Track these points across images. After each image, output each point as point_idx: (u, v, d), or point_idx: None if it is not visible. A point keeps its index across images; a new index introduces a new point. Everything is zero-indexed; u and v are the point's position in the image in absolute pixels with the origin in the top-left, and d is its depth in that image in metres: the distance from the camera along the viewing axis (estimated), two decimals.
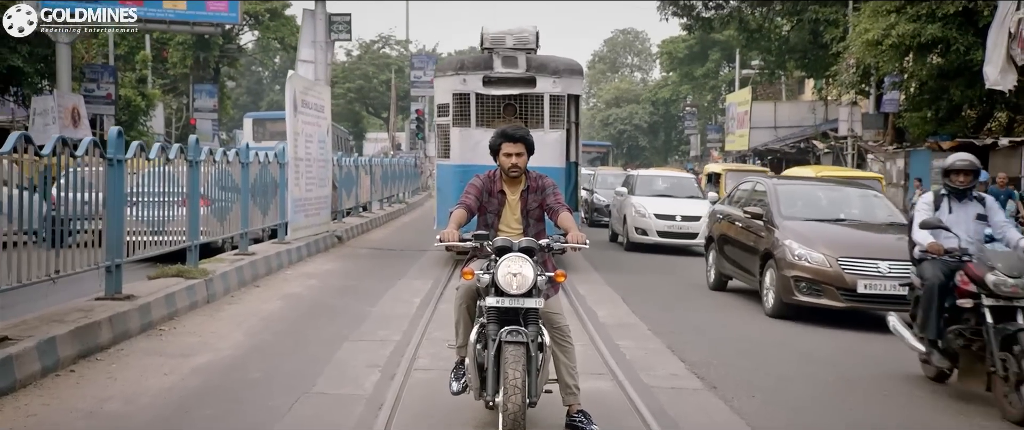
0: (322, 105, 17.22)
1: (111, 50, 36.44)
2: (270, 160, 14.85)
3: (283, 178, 15.35)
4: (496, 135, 6.25)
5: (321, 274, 13.75)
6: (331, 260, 15.68)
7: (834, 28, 31.29)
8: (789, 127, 43.06)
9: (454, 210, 6.12)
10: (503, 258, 5.65)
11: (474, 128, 15.10)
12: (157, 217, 10.65)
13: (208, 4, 29.98)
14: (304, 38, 20.41)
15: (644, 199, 20.03)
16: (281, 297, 11.45)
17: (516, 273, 5.59)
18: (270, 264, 13.35)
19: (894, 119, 30.67)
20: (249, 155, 13.60)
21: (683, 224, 19.29)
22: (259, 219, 14.41)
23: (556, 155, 15.13)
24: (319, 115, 16.95)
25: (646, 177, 22.89)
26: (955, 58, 23.95)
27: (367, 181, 24.66)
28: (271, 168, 14.95)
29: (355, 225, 20.83)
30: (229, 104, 55.18)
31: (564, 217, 6.13)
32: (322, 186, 17.16)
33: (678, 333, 10.16)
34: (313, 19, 19.82)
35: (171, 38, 42.75)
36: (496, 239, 5.87)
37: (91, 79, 34.73)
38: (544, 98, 15.20)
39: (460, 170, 14.41)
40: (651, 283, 14.83)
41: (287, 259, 14.21)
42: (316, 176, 16.62)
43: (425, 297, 11.59)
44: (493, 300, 5.63)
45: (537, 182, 6.28)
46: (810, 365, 9.03)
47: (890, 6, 24.65)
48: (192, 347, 8.39)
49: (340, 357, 8.25)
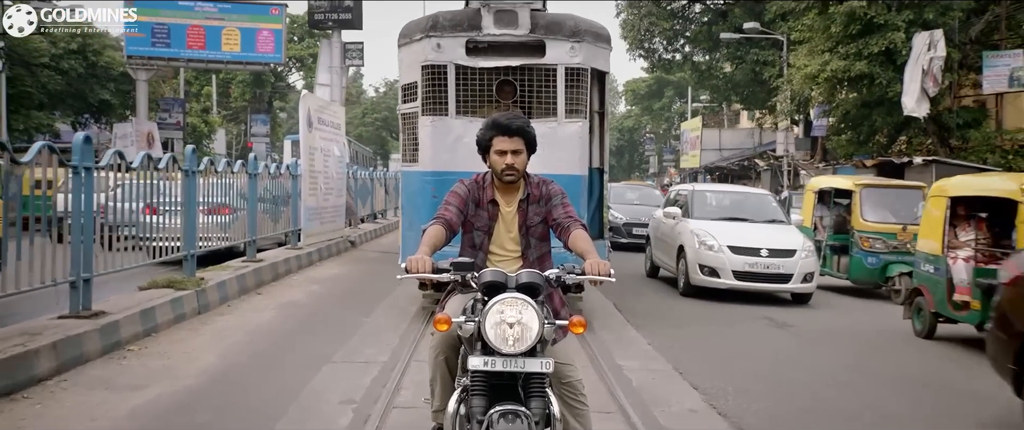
0: (338, 123, 14.50)
1: (181, 86, 33.97)
2: (281, 172, 12.12)
3: (295, 189, 12.63)
4: (486, 126, 3.51)
5: (326, 279, 10.96)
6: (340, 264, 12.87)
7: (771, 68, 28.87)
8: (731, 149, 40.76)
9: (428, 226, 3.40)
10: (495, 300, 2.94)
11: (454, 118, 7.77)
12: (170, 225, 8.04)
13: (258, 47, 27.95)
14: (321, 64, 17.78)
15: (709, 225, 10.95)
16: (278, 306, 8.69)
17: (513, 322, 2.89)
18: (277, 270, 10.58)
19: (823, 141, 28.36)
20: (258, 167, 10.85)
21: (771, 262, 10.32)
22: (269, 227, 11.65)
23: (574, 158, 7.76)
24: (335, 132, 14.24)
25: (707, 194, 12.75)
26: (878, 90, 21.90)
27: (382, 192, 21.91)
28: (283, 180, 12.21)
29: (369, 230, 18.03)
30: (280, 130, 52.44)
31: (577, 236, 3.40)
32: (339, 196, 14.45)
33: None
34: (330, 47, 17.19)
35: (234, 77, 40.21)
36: (484, 272, 3.15)
37: (164, 109, 32.65)
38: (557, 72, 7.73)
39: (433, 180, 7.64)
40: (737, 346, 7.84)
41: (296, 264, 11.45)
42: (333, 187, 13.92)
43: (423, 303, 8.75)
44: (479, 360, 2.92)
45: (540, 189, 3.56)
46: None
47: (824, 46, 22.59)
48: (150, 375, 5.63)
49: (314, 388, 5.50)
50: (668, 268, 11.75)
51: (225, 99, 42.95)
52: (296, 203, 12.61)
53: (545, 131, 6.58)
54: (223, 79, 40.71)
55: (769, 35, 27.43)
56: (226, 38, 27.96)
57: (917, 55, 20.85)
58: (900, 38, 20.69)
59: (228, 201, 10.17)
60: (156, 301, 7.15)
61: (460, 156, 7.27)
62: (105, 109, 32.85)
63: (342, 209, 14.81)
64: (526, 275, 3.06)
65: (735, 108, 42.66)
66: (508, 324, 2.86)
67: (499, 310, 2.88)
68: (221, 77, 39.58)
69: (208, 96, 37.05)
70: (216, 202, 9.77)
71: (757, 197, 13.16)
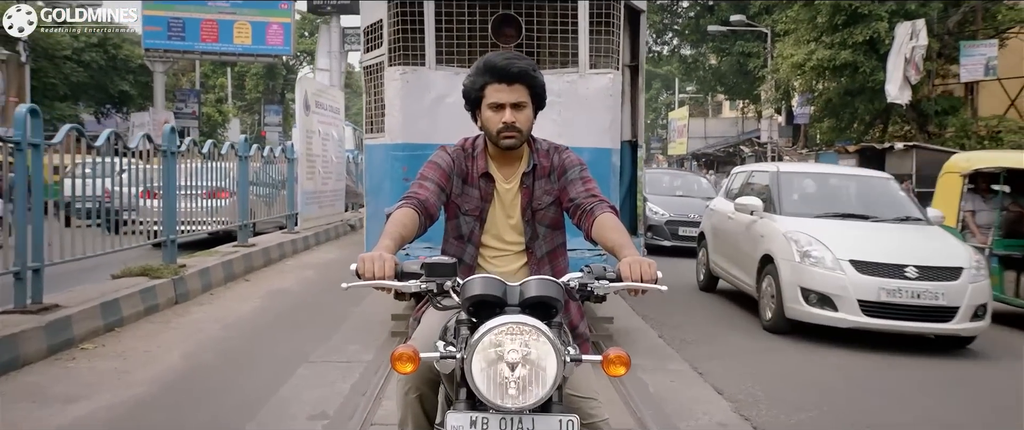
0: (337, 107, 13.20)
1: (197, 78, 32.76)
2: (276, 156, 10.87)
3: (292, 173, 11.38)
4: (476, 70, 2.19)
5: (321, 264, 9.69)
6: (337, 248, 11.57)
7: (756, 59, 27.70)
8: (716, 137, 39.41)
9: (394, 210, 2.12)
10: (487, 327, 1.68)
11: (433, 69, 5.11)
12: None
13: (268, 39, 26.96)
14: (321, 49, 16.49)
15: (812, 226, 6.52)
16: (264, 294, 7.46)
17: (516, 362, 1.65)
18: (270, 255, 9.35)
19: (806, 128, 27.32)
20: (248, 149, 9.58)
21: (924, 288, 5.82)
22: (264, 211, 10.42)
23: (602, 123, 5.13)
24: (334, 116, 12.95)
25: (802, 177, 7.94)
26: (862, 78, 20.91)
27: None
28: (279, 163, 10.97)
29: None
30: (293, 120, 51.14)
31: (606, 223, 2.11)
32: (338, 180, 13.22)
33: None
34: (329, 32, 15.81)
35: (248, 70, 38.92)
36: (472, 280, 1.82)
37: (180, 100, 31.65)
38: (578, 6, 5.05)
39: (405, 156, 5.12)
40: None
41: (291, 249, 10.22)
42: (332, 171, 12.67)
43: (393, 327, 7.39)
44: (463, 420, 1.66)
45: (552, 158, 2.30)
46: None
47: (809, 36, 21.64)
48: (94, 382, 4.42)
49: (283, 397, 4.29)
50: (739, 283, 7.48)
51: (240, 90, 41.57)
52: (292, 187, 11.36)
53: (562, 86, 4.90)
54: (238, 72, 39.40)
55: (754, 27, 26.20)
56: (238, 31, 27.02)
57: (900, 44, 20.03)
58: (883, 28, 20.09)
59: (226, 185, 9.03)
60: (122, 292, 5.92)
61: (442, 123, 4.87)
62: (125, 100, 32.04)
63: (342, 193, 13.57)
64: (536, 285, 1.80)
65: (718, 99, 41.40)
66: (508, 364, 1.65)
67: (494, 342, 1.66)
68: (236, 69, 38.29)
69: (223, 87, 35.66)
70: (215, 186, 8.68)
71: (879, 183, 7.71)
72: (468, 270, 2.28)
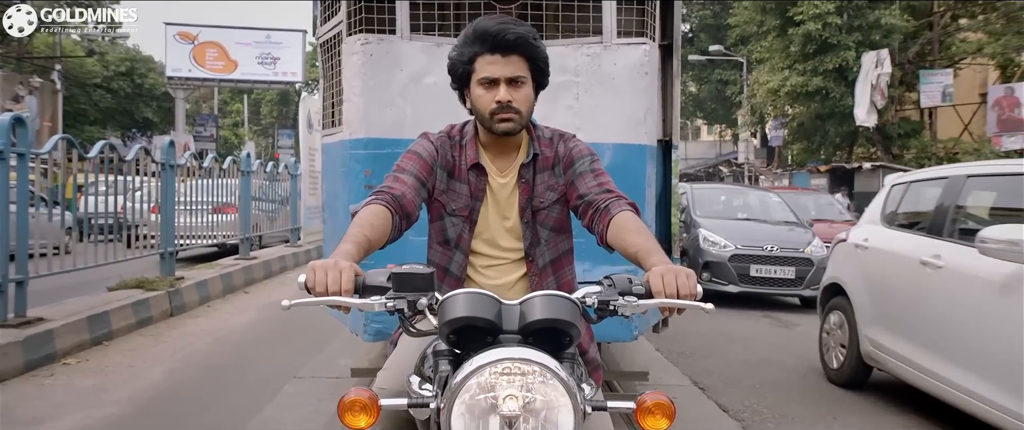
0: None
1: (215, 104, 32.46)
2: (279, 172, 10.29)
3: (294, 188, 10.80)
4: (465, 38, 1.55)
5: None
6: None
7: (733, 86, 27.41)
8: (696, 159, 39.01)
9: (361, 207, 1.51)
10: (475, 363, 1.05)
11: (405, 39, 3.15)
12: None
13: (282, 68, 26.67)
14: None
15: None
16: (260, 306, 6.83)
17: (514, 415, 1.01)
18: (270, 268, 8.74)
19: (779, 150, 27.04)
20: (251, 165, 9.01)
21: None
22: (266, 225, 9.82)
23: (633, 112, 3.18)
24: None
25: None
26: (832, 103, 20.81)
27: None
28: (282, 180, 10.39)
29: None
30: None
31: (625, 223, 1.44)
32: None
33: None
34: None
35: (263, 97, 38.60)
36: (453, 297, 1.15)
37: (199, 124, 31.25)
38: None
39: (366, 155, 3.17)
40: None
41: (292, 262, 9.60)
42: None
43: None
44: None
45: (556, 146, 1.69)
46: None
47: (783, 64, 21.46)
48: (66, 401, 3.80)
49: (264, 418, 3.67)
50: (946, 390, 3.44)
51: (256, 116, 41.08)
52: (295, 202, 10.77)
53: (581, 62, 3.18)
54: (254, 99, 39.02)
55: (731, 57, 25.89)
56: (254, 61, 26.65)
57: (866, 72, 20.02)
58: (851, 56, 20.03)
59: (231, 200, 8.49)
60: (113, 305, 5.31)
61: (418, 111, 3.19)
62: (148, 125, 31.76)
63: None
64: (542, 304, 1.18)
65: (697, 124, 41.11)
66: (506, 419, 1.06)
67: (483, 386, 1.08)
68: (252, 96, 37.93)
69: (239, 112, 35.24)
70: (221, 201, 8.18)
71: None
72: (456, 283, 1.70)
